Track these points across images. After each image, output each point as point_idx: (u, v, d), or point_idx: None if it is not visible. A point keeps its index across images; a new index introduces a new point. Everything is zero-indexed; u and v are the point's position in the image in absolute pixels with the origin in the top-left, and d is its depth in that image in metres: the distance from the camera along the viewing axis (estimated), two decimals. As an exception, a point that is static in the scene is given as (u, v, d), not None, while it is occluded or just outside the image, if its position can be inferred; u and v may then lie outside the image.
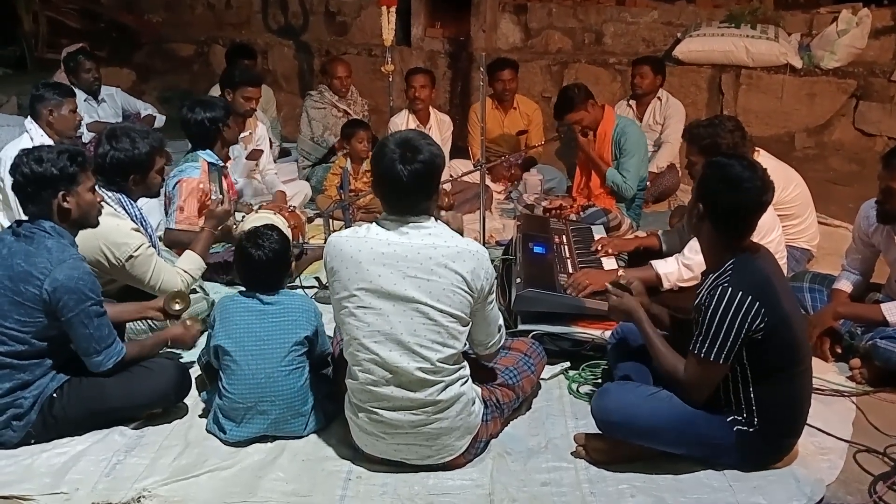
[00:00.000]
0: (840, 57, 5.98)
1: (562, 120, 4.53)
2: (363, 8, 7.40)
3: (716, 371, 2.31)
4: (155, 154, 3.10)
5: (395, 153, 2.21)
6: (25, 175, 2.45)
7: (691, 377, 2.33)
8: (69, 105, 4.01)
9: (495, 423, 2.56)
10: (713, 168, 2.40)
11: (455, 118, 5.99)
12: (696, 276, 3.16)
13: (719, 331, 2.25)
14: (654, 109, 5.29)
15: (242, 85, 4.52)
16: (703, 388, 2.35)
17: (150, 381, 2.64)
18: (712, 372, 2.31)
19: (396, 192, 2.25)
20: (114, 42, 8.45)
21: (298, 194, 4.90)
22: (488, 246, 4.13)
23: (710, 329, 2.26)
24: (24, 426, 2.52)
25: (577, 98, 4.42)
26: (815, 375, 2.53)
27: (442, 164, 2.33)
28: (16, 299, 2.43)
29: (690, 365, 2.34)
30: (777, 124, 6.14)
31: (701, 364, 2.30)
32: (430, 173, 2.25)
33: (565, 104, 4.46)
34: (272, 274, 2.71)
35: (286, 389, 2.55)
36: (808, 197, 3.85)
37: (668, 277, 3.21)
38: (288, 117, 6.74)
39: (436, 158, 2.26)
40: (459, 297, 2.25)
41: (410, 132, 2.36)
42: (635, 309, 2.53)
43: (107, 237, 2.88)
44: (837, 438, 2.62)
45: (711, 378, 2.33)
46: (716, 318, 2.25)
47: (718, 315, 2.24)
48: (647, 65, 5.26)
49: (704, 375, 2.32)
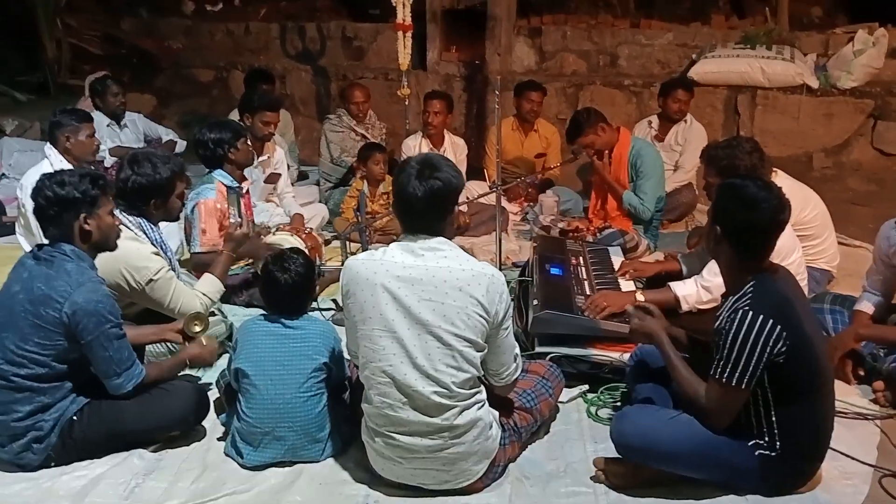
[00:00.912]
0: (857, 77, 5.97)
1: (573, 143, 4.54)
2: (379, 33, 7.49)
3: (737, 396, 2.28)
4: (176, 179, 3.13)
5: (414, 170, 2.24)
6: (48, 198, 2.49)
7: (712, 403, 2.30)
8: (86, 130, 4.06)
9: (513, 447, 2.54)
10: (728, 189, 2.39)
11: (470, 140, 6.03)
12: (715, 299, 3.14)
13: (740, 355, 2.22)
14: (677, 131, 5.29)
15: (261, 109, 4.58)
16: (725, 413, 2.31)
17: (169, 403, 2.65)
18: (734, 397, 2.28)
19: (410, 210, 2.27)
20: (135, 68, 8.59)
21: (316, 217, 4.93)
22: (505, 268, 4.13)
23: (730, 353, 2.23)
24: (45, 449, 2.53)
25: (587, 122, 4.42)
26: (838, 398, 2.50)
27: (459, 186, 2.33)
28: (36, 322, 2.45)
29: (711, 390, 2.30)
30: (794, 145, 6.11)
31: (722, 389, 2.27)
32: (445, 193, 2.26)
33: (575, 128, 4.48)
34: (297, 297, 2.71)
35: (303, 415, 2.55)
36: (827, 217, 3.82)
37: (686, 300, 3.19)
38: (306, 141, 6.80)
39: (453, 180, 2.27)
40: (474, 320, 2.25)
41: (435, 155, 2.39)
42: (657, 332, 2.50)
43: (127, 261, 2.91)
44: (862, 463, 2.58)
45: (733, 403, 2.30)
46: (737, 342, 2.22)
47: (739, 339, 2.22)
48: (681, 88, 5.25)
49: (726, 401, 2.29)
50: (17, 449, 2.52)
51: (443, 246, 2.29)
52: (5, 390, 2.48)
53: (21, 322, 2.46)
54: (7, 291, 2.54)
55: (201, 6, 8.96)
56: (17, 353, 2.46)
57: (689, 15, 7.24)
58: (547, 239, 4.24)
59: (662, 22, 7.06)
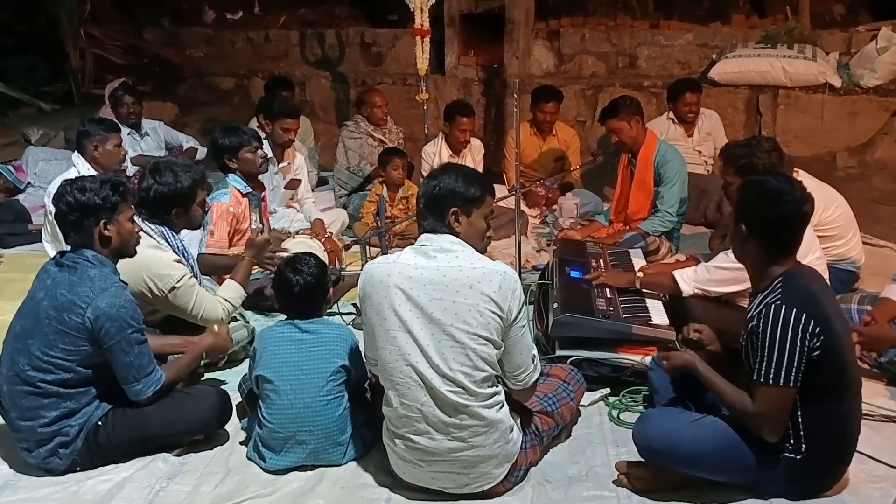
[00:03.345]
0: (881, 75, 5.88)
1: (605, 123, 4.51)
2: (398, 38, 7.52)
3: (786, 396, 2.21)
4: (197, 187, 3.16)
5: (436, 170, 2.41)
6: (69, 203, 2.52)
7: (763, 408, 2.22)
8: (114, 140, 4.14)
9: (534, 450, 2.53)
10: (750, 186, 2.38)
11: (489, 144, 6.02)
12: (717, 280, 3.12)
13: (782, 352, 2.17)
14: (699, 127, 5.44)
15: (281, 116, 4.61)
16: (776, 417, 2.23)
17: (192, 407, 2.68)
18: (783, 397, 2.21)
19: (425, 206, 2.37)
20: (157, 76, 8.70)
21: (336, 222, 4.95)
22: (524, 271, 4.12)
23: (771, 352, 2.18)
24: (71, 454, 2.57)
25: (625, 108, 4.36)
26: (865, 400, 2.45)
27: (470, 194, 2.36)
28: (61, 328, 2.48)
29: (759, 395, 2.22)
30: (818, 144, 6.04)
31: (770, 391, 2.20)
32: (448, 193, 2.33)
33: (612, 109, 4.42)
34: (310, 299, 2.73)
35: (325, 419, 2.57)
36: (851, 217, 3.77)
37: (683, 279, 3.18)
38: (325, 147, 6.84)
39: (458, 183, 2.35)
40: (487, 317, 2.25)
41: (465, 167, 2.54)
42: (688, 362, 2.43)
43: (150, 269, 2.94)
44: (890, 466, 2.54)
45: (783, 405, 2.22)
46: (775, 339, 2.17)
47: (778, 336, 2.17)
48: (689, 90, 5.31)
49: (776, 403, 2.21)
50: (43, 454, 2.56)
51: (455, 247, 2.31)
52: (32, 396, 2.52)
53: (46, 328, 2.50)
54: (32, 298, 2.58)
55: (222, 15, 9.05)
56: (43, 359, 2.49)
57: (708, 15, 7.18)
58: (567, 242, 4.22)
59: (682, 22, 7.01)
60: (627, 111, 4.36)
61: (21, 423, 2.54)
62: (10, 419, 2.59)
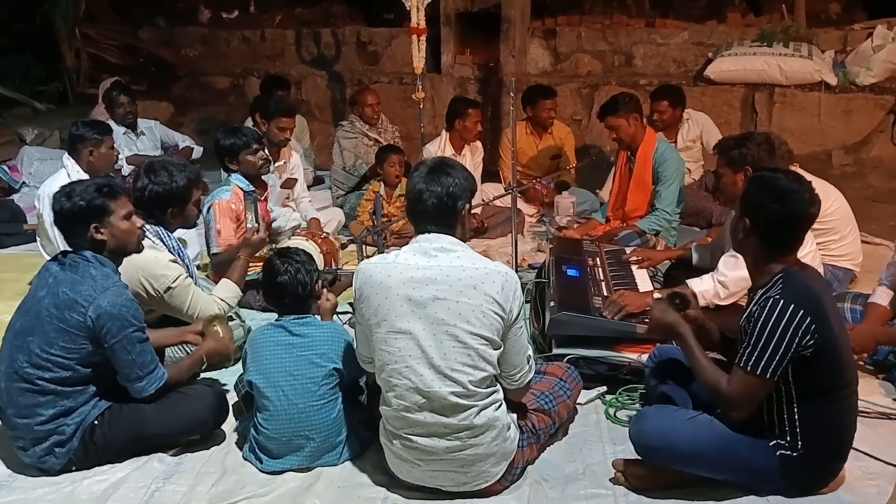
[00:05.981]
0: (876, 73, 5.90)
1: (603, 120, 4.50)
2: (394, 37, 7.52)
3: (761, 386, 2.23)
4: (192, 186, 3.15)
5: (425, 168, 2.31)
6: (58, 212, 2.56)
7: (735, 391, 2.25)
8: (108, 143, 4.14)
9: (531, 449, 2.53)
10: (759, 182, 2.35)
11: (486, 143, 6.02)
12: (733, 294, 3.12)
13: (769, 343, 2.18)
14: (683, 133, 5.33)
15: (277, 116, 4.60)
16: (746, 404, 2.26)
17: (189, 407, 2.67)
18: (757, 387, 2.23)
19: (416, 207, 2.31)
20: (152, 76, 8.69)
21: (332, 221, 4.95)
22: (520, 269, 4.11)
23: (759, 341, 2.19)
24: (67, 453, 2.56)
25: (624, 105, 4.35)
26: (861, 398, 2.45)
27: (462, 190, 2.32)
28: (61, 327, 2.48)
29: (735, 378, 2.25)
30: (814, 142, 6.05)
31: (747, 377, 2.22)
32: (448, 193, 2.28)
33: (611, 106, 4.41)
34: (299, 295, 2.70)
35: (320, 422, 2.55)
36: (849, 212, 3.77)
37: (703, 295, 3.16)
38: (321, 146, 6.84)
39: (459, 182, 2.29)
40: (490, 318, 2.24)
41: (449, 159, 2.43)
42: (678, 322, 2.44)
43: (146, 269, 2.94)
44: (886, 463, 2.54)
45: (756, 394, 2.25)
46: (766, 330, 2.18)
47: (769, 327, 2.17)
48: (664, 99, 5.22)
49: (749, 390, 2.24)
50: (39, 453, 2.55)
51: (455, 247, 2.30)
52: (29, 393, 2.51)
53: (47, 326, 2.49)
54: (33, 296, 2.58)
55: (217, 14, 9.04)
56: (43, 357, 2.49)
57: (704, 13, 7.20)
58: (563, 240, 4.23)
59: (678, 21, 7.02)
60: (626, 108, 4.35)
61: (18, 420, 2.54)
62: (6, 416, 2.58)
